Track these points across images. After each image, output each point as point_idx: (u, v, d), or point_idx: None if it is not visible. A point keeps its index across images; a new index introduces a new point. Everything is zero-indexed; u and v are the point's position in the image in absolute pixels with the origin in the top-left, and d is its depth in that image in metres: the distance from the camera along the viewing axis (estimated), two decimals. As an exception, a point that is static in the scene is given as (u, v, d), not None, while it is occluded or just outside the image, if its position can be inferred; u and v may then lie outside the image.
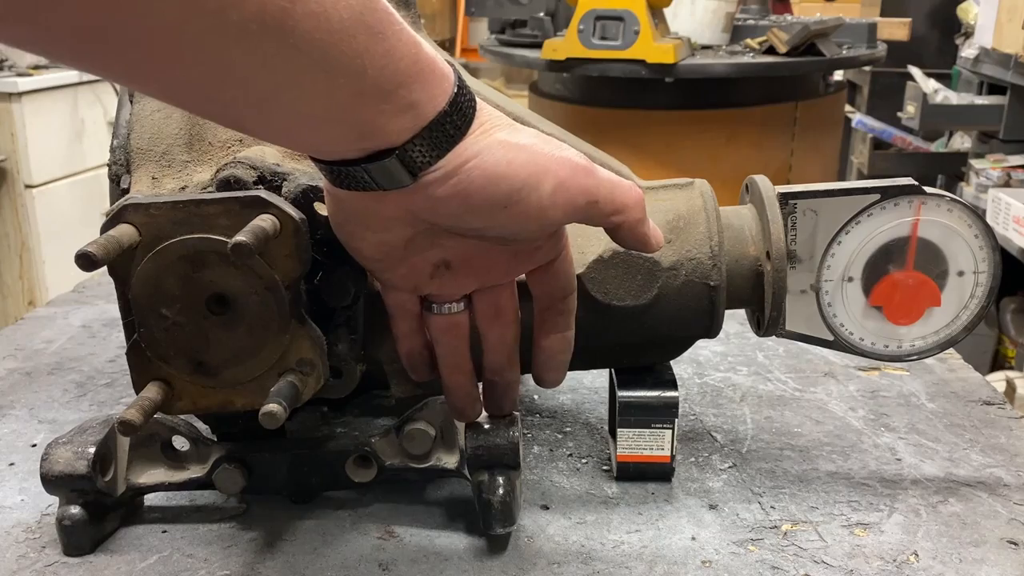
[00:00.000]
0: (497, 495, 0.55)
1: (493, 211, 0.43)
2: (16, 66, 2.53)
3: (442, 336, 0.52)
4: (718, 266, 0.60)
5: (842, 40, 2.25)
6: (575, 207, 0.45)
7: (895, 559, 0.56)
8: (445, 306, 0.51)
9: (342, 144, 0.41)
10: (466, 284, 0.50)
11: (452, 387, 0.54)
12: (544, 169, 0.43)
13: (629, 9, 1.87)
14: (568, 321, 0.54)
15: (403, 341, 0.53)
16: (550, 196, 0.44)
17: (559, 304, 0.53)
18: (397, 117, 0.40)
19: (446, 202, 0.43)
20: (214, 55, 0.34)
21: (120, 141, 0.60)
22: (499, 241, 0.47)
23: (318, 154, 0.43)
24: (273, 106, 0.38)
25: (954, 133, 3.07)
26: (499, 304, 0.52)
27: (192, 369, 0.51)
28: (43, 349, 0.91)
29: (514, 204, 0.43)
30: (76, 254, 0.45)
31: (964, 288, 0.60)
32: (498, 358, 0.53)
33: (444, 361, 0.53)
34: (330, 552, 0.58)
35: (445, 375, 0.53)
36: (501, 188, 0.43)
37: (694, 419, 0.75)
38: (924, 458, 0.68)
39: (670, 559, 0.57)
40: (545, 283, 0.52)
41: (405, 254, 0.47)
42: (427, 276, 0.49)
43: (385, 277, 0.50)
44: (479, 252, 0.48)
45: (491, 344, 0.53)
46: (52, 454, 0.57)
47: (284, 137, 0.43)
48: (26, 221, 2.52)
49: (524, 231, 0.46)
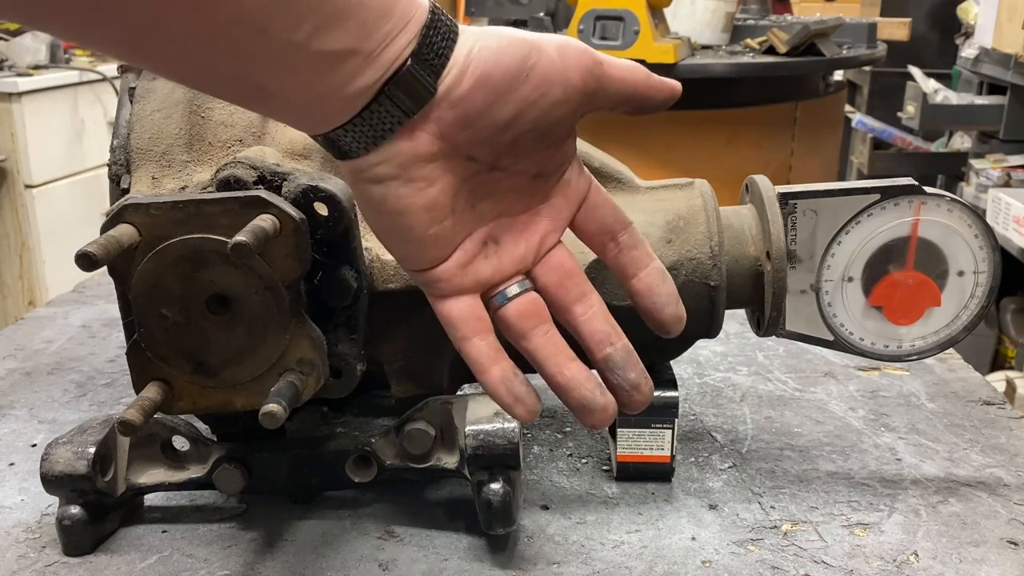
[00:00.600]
0: (497, 495, 0.55)
1: (516, 84, 0.42)
2: (16, 66, 2.52)
3: (526, 326, 0.46)
4: (718, 266, 0.60)
5: (842, 40, 2.25)
6: (586, 67, 0.44)
7: (895, 559, 0.56)
8: (510, 289, 0.46)
9: (360, 73, 0.40)
10: (521, 255, 0.47)
11: (569, 383, 0.46)
12: (537, 37, 0.44)
13: (629, 9, 1.87)
14: (647, 251, 0.49)
15: (489, 367, 0.45)
16: (559, 55, 0.43)
17: (621, 236, 0.48)
18: (401, 33, 0.40)
19: (472, 96, 0.42)
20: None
21: (120, 141, 0.60)
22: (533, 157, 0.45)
23: (340, 99, 0.41)
24: (296, 49, 0.38)
25: (954, 133, 3.07)
26: (563, 264, 0.48)
27: (192, 369, 0.51)
28: (43, 349, 0.91)
29: (530, 69, 0.42)
30: (76, 254, 0.45)
31: (964, 288, 0.60)
32: (597, 325, 0.47)
33: (544, 357, 0.46)
34: (330, 552, 0.58)
35: (554, 373, 0.46)
36: (511, 55, 0.42)
37: (694, 419, 0.75)
38: (924, 458, 0.68)
39: (670, 559, 0.57)
40: (594, 219, 0.48)
41: (454, 228, 0.45)
42: (480, 258, 0.46)
43: (440, 278, 0.45)
44: (517, 210, 0.47)
45: (579, 314, 0.47)
46: (52, 454, 0.57)
47: (307, 86, 0.40)
48: (26, 221, 2.52)
49: (554, 108, 0.44)
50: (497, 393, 0.45)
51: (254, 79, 0.39)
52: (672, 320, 0.49)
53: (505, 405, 0.45)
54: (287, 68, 0.39)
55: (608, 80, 0.45)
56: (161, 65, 0.40)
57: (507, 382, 0.45)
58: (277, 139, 0.59)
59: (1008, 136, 2.39)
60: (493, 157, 0.44)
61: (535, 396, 0.46)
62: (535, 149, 0.45)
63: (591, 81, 0.44)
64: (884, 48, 2.34)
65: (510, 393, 0.45)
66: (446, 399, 0.58)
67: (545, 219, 0.48)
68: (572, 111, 0.45)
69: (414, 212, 0.43)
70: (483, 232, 0.46)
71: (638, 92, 0.46)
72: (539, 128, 0.44)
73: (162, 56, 0.38)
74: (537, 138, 0.44)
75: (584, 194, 0.48)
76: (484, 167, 0.45)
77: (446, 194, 0.44)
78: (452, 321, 0.46)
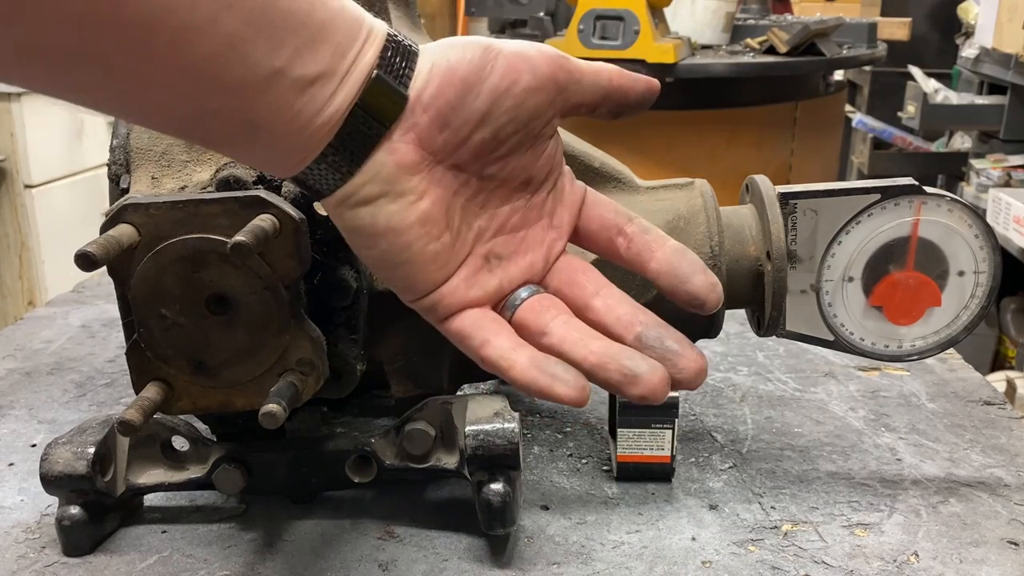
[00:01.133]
0: (497, 495, 0.55)
1: (482, 75, 0.42)
2: (16, 66, 2.52)
3: (544, 319, 0.44)
4: (718, 266, 0.60)
5: (842, 40, 2.25)
6: (551, 57, 0.44)
7: (895, 559, 0.56)
8: (521, 293, 0.45)
9: (336, 94, 0.40)
10: (526, 264, 0.46)
11: (602, 358, 0.42)
12: (494, 40, 0.44)
13: (629, 9, 1.87)
14: (659, 234, 0.47)
15: (515, 358, 0.42)
16: (519, 49, 0.43)
17: (628, 228, 0.47)
18: (367, 50, 0.41)
19: (442, 93, 0.42)
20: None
21: (119, 141, 0.59)
22: (519, 160, 0.44)
23: (320, 122, 0.41)
24: (275, 80, 0.38)
25: (954, 133, 3.07)
26: (572, 264, 0.47)
27: (192, 369, 0.51)
28: (43, 349, 0.91)
29: (494, 59, 0.42)
30: (76, 254, 0.45)
31: (964, 288, 0.60)
32: (621, 310, 0.45)
33: (570, 345, 0.43)
34: (330, 552, 0.58)
35: (585, 356, 0.42)
36: (472, 51, 0.42)
37: (694, 419, 0.75)
38: (924, 458, 0.68)
39: (670, 559, 0.57)
40: (597, 218, 0.47)
41: (454, 246, 0.44)
42: (485, 272, 0.45)
43: (445, 298, 0.44)
44: (515, 225, 0.46)
45: (600, 306, 0.45)
46: (52, 454, 0.57)
47: (290, 115, 0.40)
48: (26, 221, 2.52)
49: (528, 96, 0.43)
50: (530, 379, 0.41)
51: (242, 113, 0.39)
52: (704, 288, 0.44)
53: (544, 389, 0.41)
54: (271, 97, 0.38)
55: (579, 72, 0.44)
56: (146, 109, 0.39)
57: (538, 364, 0.41)
58: (277, 139, 0.59)
59: (1008, 136, 2.39)
60: (478, 164, 0.44)
61: (578, 373, 0.41)
62: (518, 149, 0.44)
63: (560, 72, 0.43)
64: (884, 48, 2.34)
65: (545, 373, 0.41)
66: (446, 399, 0.58)
67: (546, 230, 0.47)
68: (547, 101, 0.43)
69: (409, 228, 0.42)
70: (484, 249, 0.46)
71: (613, 85, 0.45)
72: (518, 120, 0.43)
73: (145, 98, 0.38)
74: (518, 131, 0.43)
75: (581, 197, 0.48)
76: (472, 178, 0.44)
77: (438, 207, 0.43)
78: (464, 332, 0.44)
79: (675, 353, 0.43)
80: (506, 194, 0.46)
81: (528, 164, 0.45)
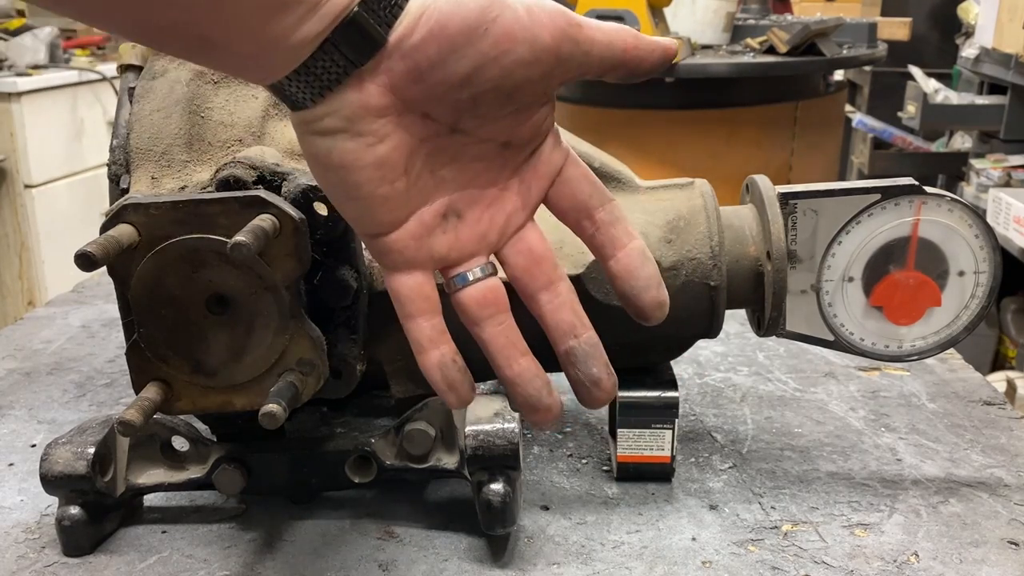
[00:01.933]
0: (497, 495, 0.55)
1: (473, 38, 0.40)
2: (15, 66, 2.53)
3: (481, 314, 0.44)
4: (718, 266, 0.60)
5: (842, 40, 2.25)
6: (559, 27, 0.41)
7: (895, 559, 0.56)
8: (471, 271, 0.44)
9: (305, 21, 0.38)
10: (483, 232, 0.45)
11: (518, 379, 0.44)
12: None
13: (629, 9, 1.87)
14: (626, 229, 0.46)
15: (429, 349, 0.43)
16: (527, 13, 0.40)
17: (598, 214, 0.45)
18: None
19: (424, 47, 0.39)
20: None
21: (119, 141, 0.60)
22: (499, 122, 0.43)
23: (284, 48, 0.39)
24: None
25: (954, 133, 3.07)
26: (532, 249, 0.45)
27: (192, 369, 0.51)
28: (42, 349, 0.91)
29: (491, 23, 0.40)
30: (75, 254, 0.45)
31: (965, 288, 0.60)
32: (563, 315, 0.45)
33: (495, 349, 0.44)
34: (330, 552, 0.58)
35: (503, 367, 0.44)
36: (470, 6, 0.40)
37: (694, 419, 0.75)
38: (924, 458, 0.68)
39: (670, 559, 0.57)
40: (568, 195, 0.45)
41: (408, 192, 0.43)
42: (439, 232, 0.44)
43: (393, 247, 0.43)
44: (483, 182, 0.44)
45: (545, 303, 0.45)
46: (52, 454, 0.57)
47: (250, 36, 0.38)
48: (26, 221, 2.52)
49: (518, 69, 0.41)
50: (431, 377, 0.44)
51: (195, 29, 0.37)
52: (651, 305, 0.46)
53: (438, 391, 0.44)
54: (228, 16, 0.37)
55: (588, 43, 0.42)
56: (93, 12, 0.38)
57: (443, 367, 0.44)
58: (277, 139, 0.59)
59: (1008, 136, 2.39)
60: (453, 117, 0.42)
61: (469, 386, 0.44)
62: (500, 113, 0.42)
63: (566, 43, 0.41)
64: (884, 48, 2.34)
65: (444, 379, 0.44)
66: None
67: (513, 195, 0.45)
68: (542, 75, 0.42)
69: (361, 168, 0.41)
70: (444, 202, 0.44)
71: (627, 55, 0.44)
72: (502, 89, 0.41)
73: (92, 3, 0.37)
74: (501, 100, 0.42)
75: (558, 168, 0.46)
76: (444, 128, 0.42)
77: (399, 152, 0.42)
78: (399, 297, 0.44)
79: (592, 382, 0.45)
80: (480, 151, 0.44)
81: (509, 128, 0.43)
